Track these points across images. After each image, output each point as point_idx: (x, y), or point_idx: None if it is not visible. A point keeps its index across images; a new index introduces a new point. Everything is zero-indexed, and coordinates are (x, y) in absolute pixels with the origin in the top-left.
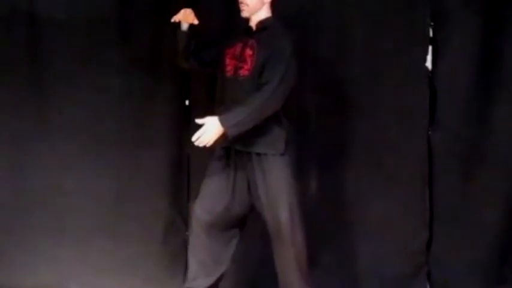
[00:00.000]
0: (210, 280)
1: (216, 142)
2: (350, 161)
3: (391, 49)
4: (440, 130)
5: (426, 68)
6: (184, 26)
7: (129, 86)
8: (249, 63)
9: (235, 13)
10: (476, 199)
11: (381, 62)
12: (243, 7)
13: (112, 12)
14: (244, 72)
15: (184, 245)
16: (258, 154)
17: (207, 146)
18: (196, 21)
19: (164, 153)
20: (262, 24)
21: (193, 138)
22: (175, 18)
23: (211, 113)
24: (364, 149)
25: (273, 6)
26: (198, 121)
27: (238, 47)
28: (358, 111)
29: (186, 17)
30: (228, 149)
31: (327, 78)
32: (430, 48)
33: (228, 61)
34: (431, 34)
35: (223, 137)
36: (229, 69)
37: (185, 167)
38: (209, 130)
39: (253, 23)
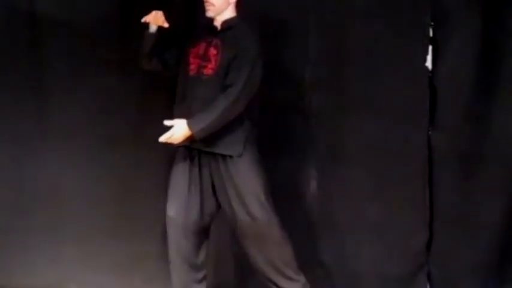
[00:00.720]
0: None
1: (182, 142)
2: (350, 161)
3: (391, 49)
4: (441, 130)
5: (426, 68)
6: (153, 28)
7: (129, 86)
8: (213, 62)
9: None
10: (477, 199)
11: (380, 62)
12: (208, 7)
13: (112, 12)
14: (208, 71)
15: None
16: (223, 156)
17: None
18: (166, 24)
19: (164, 153)
20: (227, 23)
21: (161, 139)
22: (146, 19)
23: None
24: (364, 149)
25: (239, 6)
26: (167, 122)
27: (202, 46)
28: (358, 111)
29: (156, 19)
30: (191, 149)
31: (327, 78)
32: (430, 48)
33: (191, 60)
34: (431, 34)
35: (189, 138)
36: (192, 67)
37: None
38: (177, 132)
39: (217, 23)
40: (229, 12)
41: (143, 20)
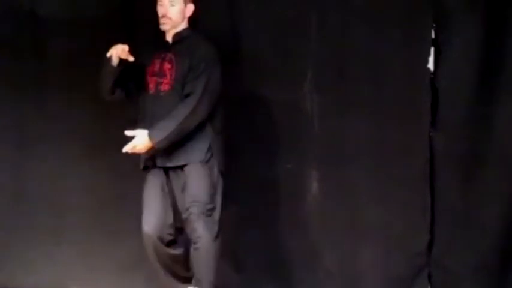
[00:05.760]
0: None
1: (146, 152)
2: (350, 161)
3: (393, 50)
4: (442, 131)
5: (428, 69)
6: (115, 61)
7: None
8: (168, 76)
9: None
10: (478, 200)
11: (382, 63)
12: (165, 21)
13: (113, 12)
14: (164, 87)
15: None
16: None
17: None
18: (131, 58)
19: None
20: (179, 35)
21: (124, 150)
22: (111, 53)
23: None
24: (365, 149)
25: (191, 19)
26: (128, 133)
27: (157, 64)
28: (359, 111)
29: (121, 53)
30: (160, 167)
31: (327, 78)
32: (432, 49)
33: (149, 79)
34: (433, 35)
35: (152, 148)
36: (151, 86)
37: None
38: (139, 143)
39: (169, 37)
40: (182, 25)
41: (109, 54)
